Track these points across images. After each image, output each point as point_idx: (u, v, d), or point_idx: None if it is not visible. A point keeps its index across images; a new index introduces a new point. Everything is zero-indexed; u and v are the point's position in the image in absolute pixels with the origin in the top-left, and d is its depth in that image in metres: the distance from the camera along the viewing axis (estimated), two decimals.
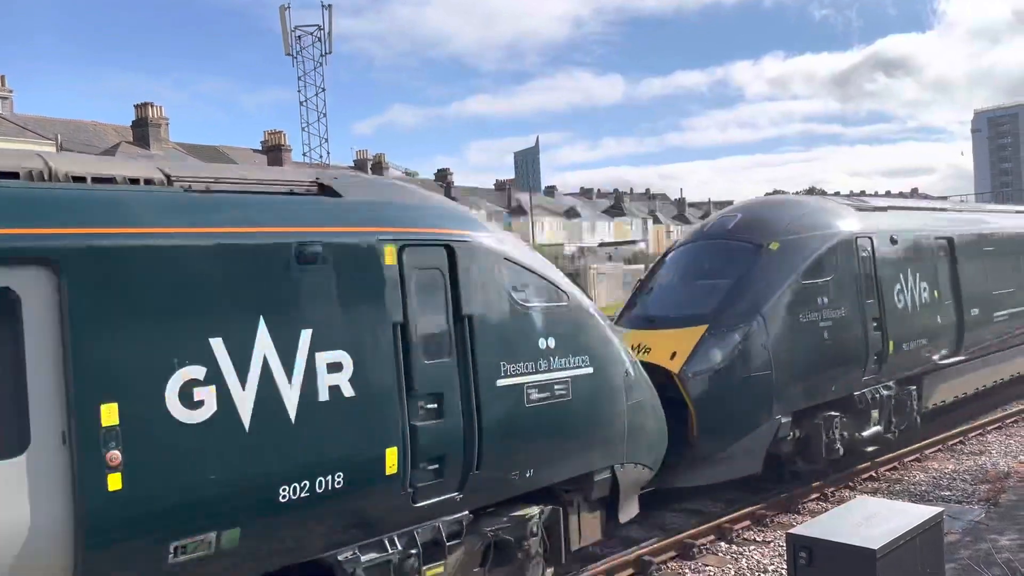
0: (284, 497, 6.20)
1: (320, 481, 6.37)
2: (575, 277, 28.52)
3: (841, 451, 12.88)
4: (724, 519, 11.50)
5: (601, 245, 72.70)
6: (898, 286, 14.20)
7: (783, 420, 11.91)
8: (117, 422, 5.43)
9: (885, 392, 13.82)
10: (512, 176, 71.35)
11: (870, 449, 13.84)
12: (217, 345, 5.93)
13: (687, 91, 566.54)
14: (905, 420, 14.51)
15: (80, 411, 5.34)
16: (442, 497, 7.30)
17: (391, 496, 6.91)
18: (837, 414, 12.82)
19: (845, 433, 12.98)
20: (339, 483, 6.47)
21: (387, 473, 6.81)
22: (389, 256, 7.03)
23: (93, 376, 5.41)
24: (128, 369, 5.55)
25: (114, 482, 5.39)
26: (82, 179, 6.09)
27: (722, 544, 11.04)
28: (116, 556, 5.51)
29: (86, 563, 5.37)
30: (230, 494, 5.90)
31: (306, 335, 6.43)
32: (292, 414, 6.26)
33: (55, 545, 5.28)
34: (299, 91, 49.11)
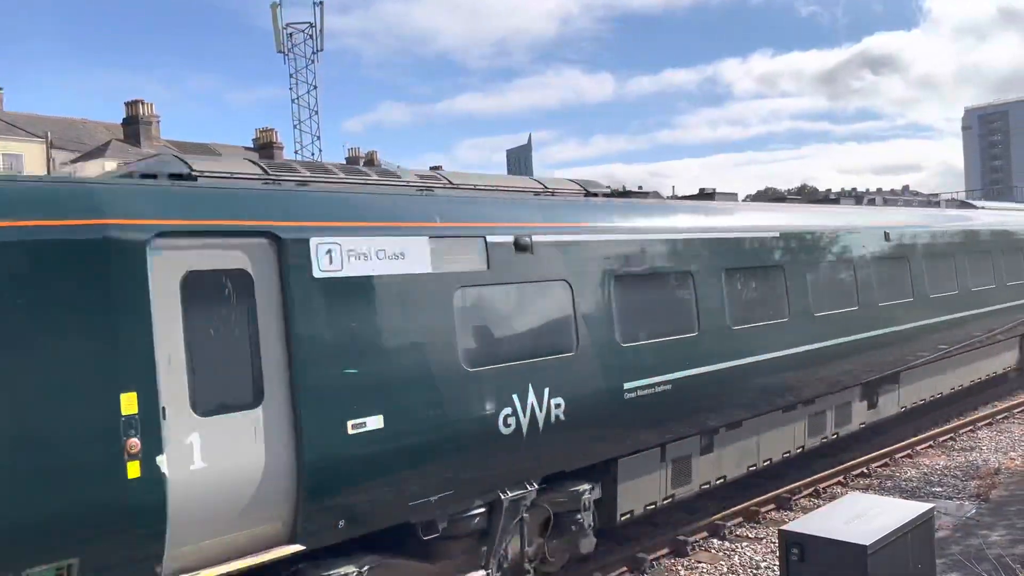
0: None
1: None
2: None
3: None
4: (717, 516, 11.54)
5: None
6: None
7: None
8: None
9: None
10: (503, 172, 71.35)
11: None
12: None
13: (677, 89, 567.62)
14: None
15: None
16: None
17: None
18: None
19: None
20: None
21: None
22: None
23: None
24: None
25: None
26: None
27: (715, 541, 11.08)
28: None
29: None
30: None
31: None
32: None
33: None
34: (291, 88, 48.90)
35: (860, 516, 7.58)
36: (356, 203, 7.66)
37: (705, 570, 10.20)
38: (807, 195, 25.51)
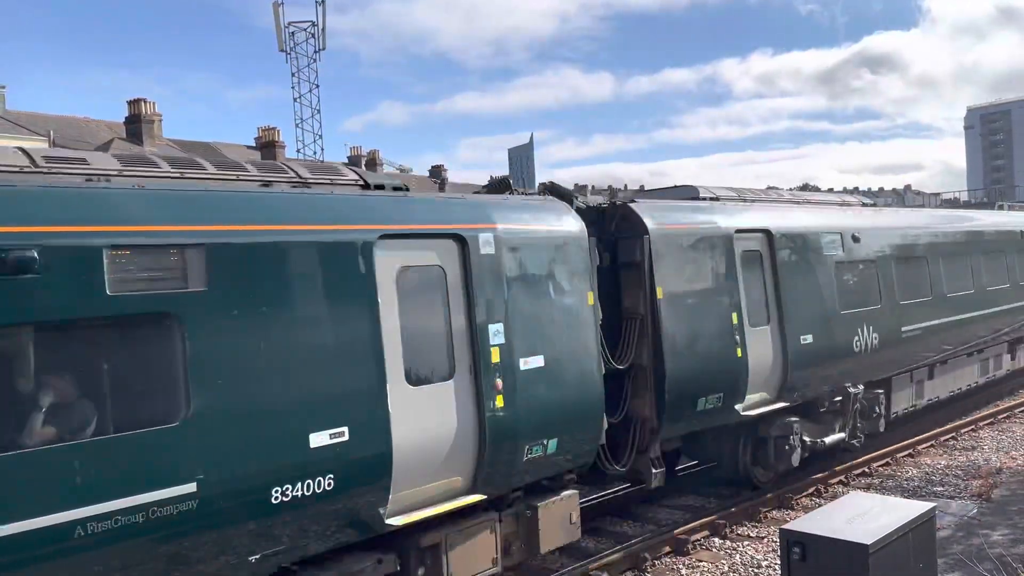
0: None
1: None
2: None
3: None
4: (718, 515, 11.54)
5: None
6: None
7: None
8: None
9: None
10: (506, 172, 71.36)
11: None
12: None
13: (676, 88, 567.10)
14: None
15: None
16: None
17: None
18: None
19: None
20: None
21: None
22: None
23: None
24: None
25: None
26: None
27: (716, 540, 11.07)
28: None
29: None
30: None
31: None
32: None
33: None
34: (292, 87, 48.98)
35: (861, 515, 7.57)
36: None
37: (706, 569, 10.20)
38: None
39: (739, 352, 11.02)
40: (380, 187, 8.32)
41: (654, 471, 10.43)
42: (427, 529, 7.77)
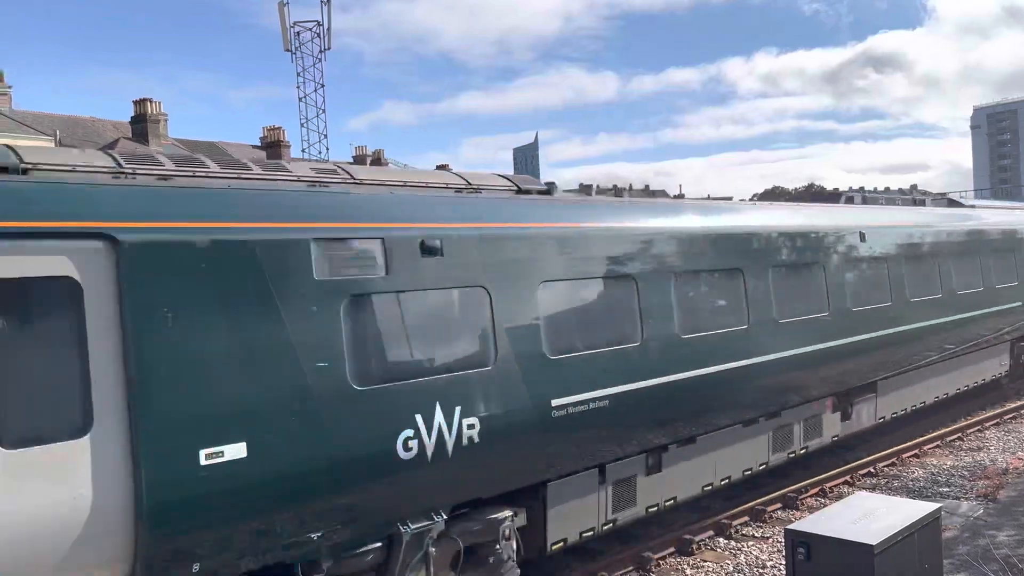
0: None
1: None
2: None
3: None
4: (723, 515, 11.52)
5: None
6: None
7: None
8: None
9: None
10: (510, 172, 71.35)
11: None
12: None
13: (680, 88, 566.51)
14: None
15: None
16: None
17: None
18: None
19: None
20: None
21: None
22: None
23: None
24: None
25: None
26: None
27: (720, 540, 11.06)
28: None
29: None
30: None
31: None
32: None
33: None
34: (298, 87, 48.98)
35: (867, 516, 7.56)
36: None
37: (711, 569, 10.18)
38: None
39: None
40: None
41: None
42: None
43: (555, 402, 8.45)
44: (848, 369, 12.79)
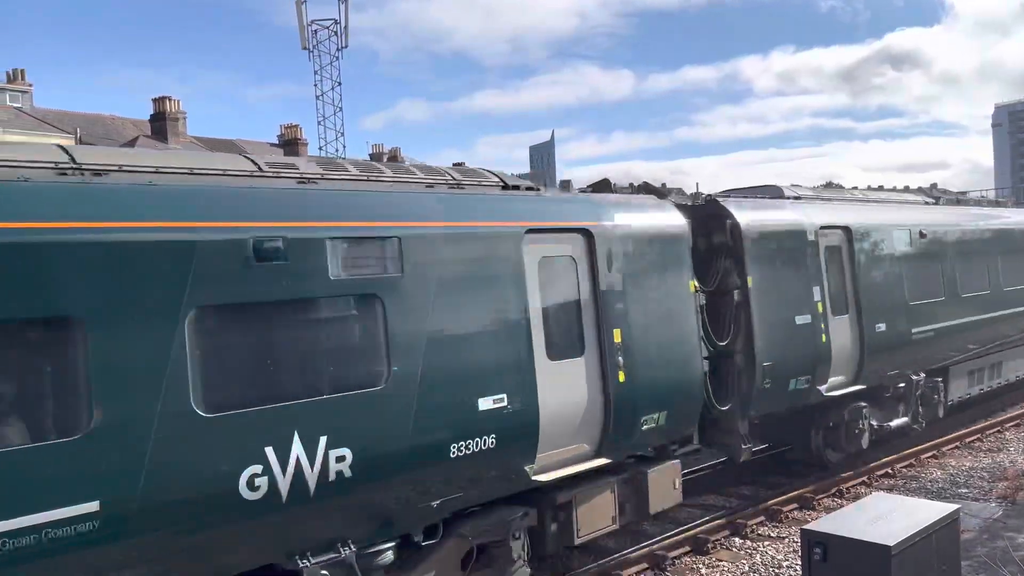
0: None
1: None
2: None
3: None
4: (738, 514, 11.49)
5: None
6: None
7: None
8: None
9: None
10: (527, 170, 71.37)
11: None
12: None
13: (696, 86, 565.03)
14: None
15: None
16: None
17: None
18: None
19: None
20: None
21: None
22: None
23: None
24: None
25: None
26: None
27: (736, 539, 11.02)
28: None
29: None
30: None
31: None
32: None
33: None
34: (315, 85, 49.12)
35: (884, 516, 7.51)
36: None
37: (726, 568, 10.15)
38: None
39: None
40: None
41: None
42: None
43: None
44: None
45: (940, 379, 14.91)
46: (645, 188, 11.08)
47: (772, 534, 11.27)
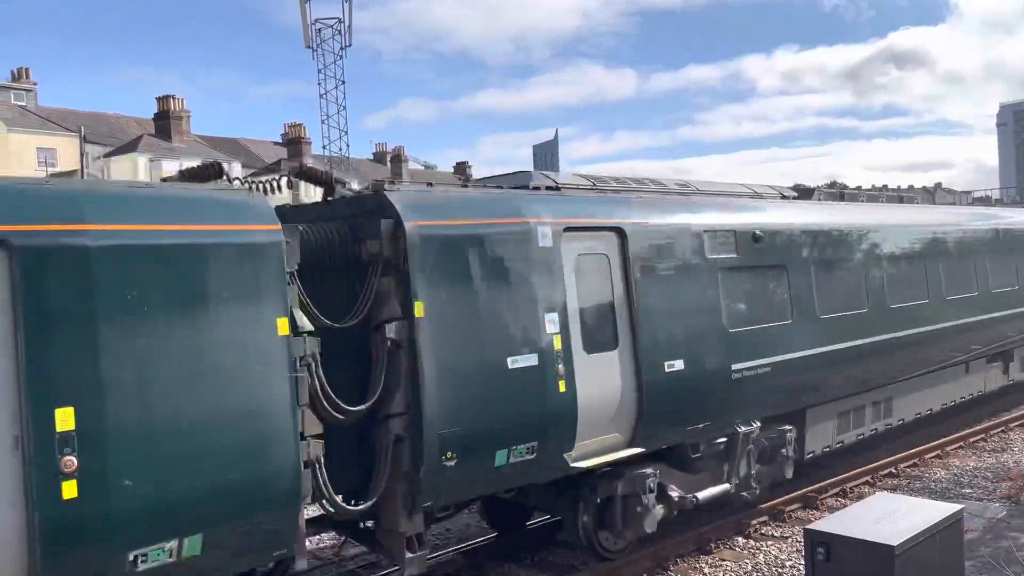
0: None
1: None
2: None
3: None
4: (742, 514, 11.47)
5: None
6: None
7: None
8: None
9: None
10: (530, 168, 71.27)
11: None
12: None
13: (700, 85, 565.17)
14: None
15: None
16: None
17: None
18: None
19: None
20: None
21: None
22: None
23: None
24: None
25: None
26: None
27: (739, 539, 11.02)
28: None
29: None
30: None
31: None
32: None
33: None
34: (319, 84, 49.16)
35: (888, 516, 7.51)
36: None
37: (729, 568, 10.15)
38: None
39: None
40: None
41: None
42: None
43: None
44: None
45: (790, 427, 11.48)
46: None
47: (775, 534, 11.26)
